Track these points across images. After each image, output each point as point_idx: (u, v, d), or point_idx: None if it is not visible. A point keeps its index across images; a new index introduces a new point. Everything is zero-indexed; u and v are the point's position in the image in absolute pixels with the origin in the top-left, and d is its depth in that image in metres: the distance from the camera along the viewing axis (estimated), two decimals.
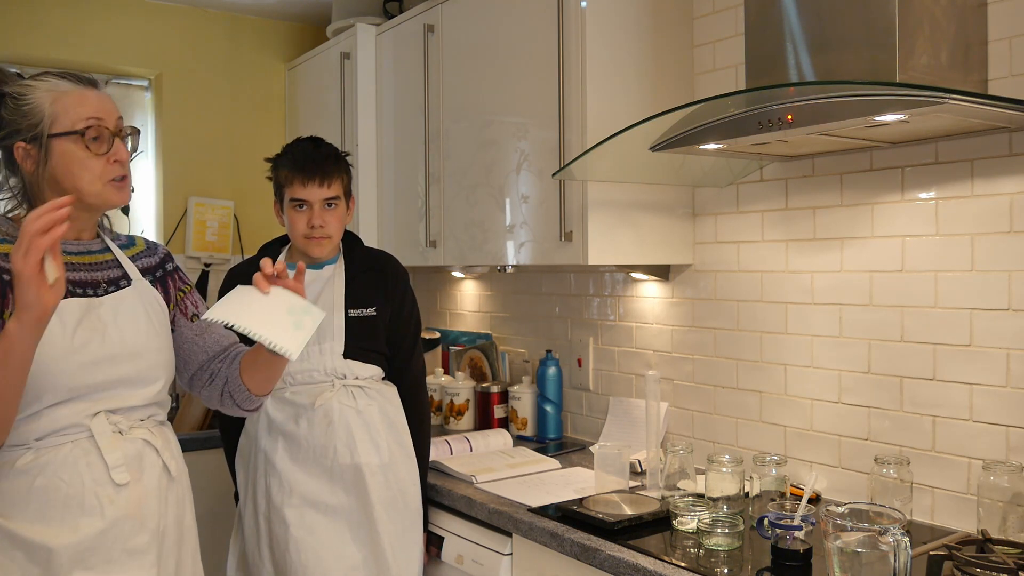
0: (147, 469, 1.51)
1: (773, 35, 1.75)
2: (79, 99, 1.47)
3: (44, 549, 1.38)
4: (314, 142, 2.13)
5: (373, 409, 2.07)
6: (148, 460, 1.51)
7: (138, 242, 1.66)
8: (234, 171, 3.52)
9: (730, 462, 1.88)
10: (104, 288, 1.52)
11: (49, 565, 1.39)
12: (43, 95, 1.45)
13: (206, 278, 3.44)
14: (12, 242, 1.39)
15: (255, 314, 1.42)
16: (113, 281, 1.54)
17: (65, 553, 1.39)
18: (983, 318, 1.76)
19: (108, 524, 1.44)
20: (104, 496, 1.44)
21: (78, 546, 1.41)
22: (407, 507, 2.08)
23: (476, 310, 3.23)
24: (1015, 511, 1.61)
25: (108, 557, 1.44)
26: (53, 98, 1.45)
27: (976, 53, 1.72)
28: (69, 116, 1.45)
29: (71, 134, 1.45)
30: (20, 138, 1.44)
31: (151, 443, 1.52)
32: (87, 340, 1.44)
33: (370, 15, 3.18)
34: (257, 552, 2.06)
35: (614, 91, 2.19)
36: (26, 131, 1.44)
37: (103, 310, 1.49)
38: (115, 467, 1.45)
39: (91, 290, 1.50)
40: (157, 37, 3.37)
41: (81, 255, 1.52)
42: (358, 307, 2.11)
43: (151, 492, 1.51)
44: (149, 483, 1.51)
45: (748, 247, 2.23)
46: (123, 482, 1.46)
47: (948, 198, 1.82)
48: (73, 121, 1.45)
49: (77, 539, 1.41)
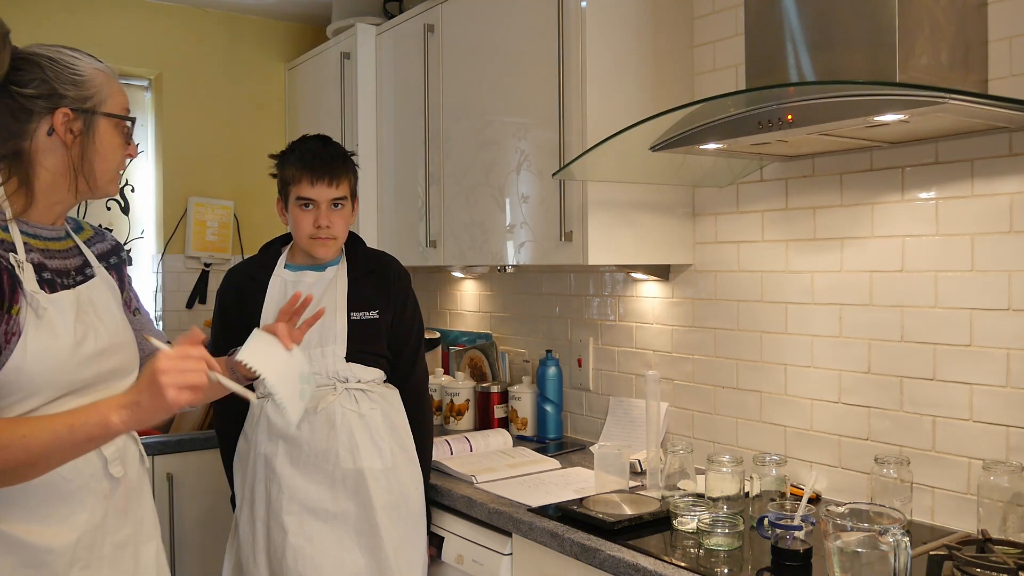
0: (130, 460, 1.51)
1: (773, 35, 1.75)
2: (120, 88, 1.46)
3: (43, 550, 1.35)
4: (322, 140, 2.11)
5: (376, 413, 2.06)
6: (130, 451, 1.51)
7: (85, 227, 1.59)
8: (234, 171, 3.52)
9: (730, 462, 1.88)
10: (74, 277, 1.46)
11: (47, 567, 1.35)
12: (95, 72, 1.42)
13: (206, 278, 3.45)
14: None
15: (276, 369, 1.46)
16: (80, 270, 1.48)
17: (66, 552, 1.37)
18: (983, 318, 1.76)
19: (102, 519, 1.43)
20: (100, 491, 1.43)
21: (76, 544, 1.39)
22: (409, 511, 2.07)
23: (476, 310, 3.23)
24: (1015, 511, 1.61)
25: (101, 553, 1.43)
26: (105, 77, 1.43)
27: (976, 53, 1.72)
28: (116, 100, 1.44)
29: (121, 119, 1.44)
30: (66, 104, 1.37)
31: (131, 434, 1.52)
32: (84, 335, 1.40)
33: (370, 15, 3.18)
34: (253, 559, 2.04)
35: (614, 91, 2.19)
36: (74, 100, 1.38)
37: (85, 302, 1.44)
38: (112, 460, 1.44)
39: (67, 279, 1.45)
40: (157, 37, 3.37)
41: (56, 240, 1.46)
42: (360, 310, 2.09)
43: (133, 483, 1.51)
44: (132, 474, 1.50)
45: (748, 247, 2.23)
46: (119, 475, 1.45)
47: (948, 198, 1.82)
48: (120, 107, 1.44)
49: (76, 536, 1.39)
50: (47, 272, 1.40)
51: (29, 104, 1.36)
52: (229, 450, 2.15)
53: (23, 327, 1.31)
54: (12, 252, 1.35)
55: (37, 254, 1.40)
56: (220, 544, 2.25)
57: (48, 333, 1.34)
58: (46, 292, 1.37)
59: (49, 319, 1.35)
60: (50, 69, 1.37)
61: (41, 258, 1.41)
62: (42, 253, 1.41)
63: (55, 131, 1.38)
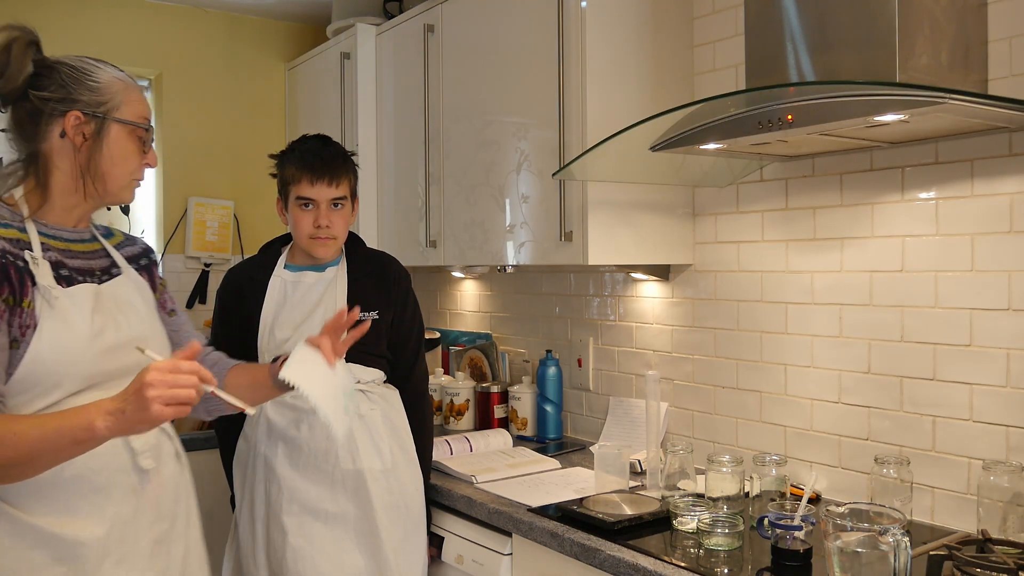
0: (163, 456, 1.53)
1: (773, 35, 1.75)
2: (140, 97, 1.52)
3: (74, 543, 1.37)
4: (323, 140, 2.12)
5: (375, 413, 2.06)
6: (164, 447, 1.54)
7: (116, 233, 1.65)
8: (234, 171, 3.52)
9: (730, 462, 1.88)
10: (99, 276, 1.51)
11: (79, 560, 1.37)
12: (112, 80, 1.48)
13: (206, 278, 3.45)
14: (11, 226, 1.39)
15: (321, 387, 1.48)
16: (105, 270, 1.53)
17: (97, 546, 1.39)
18: (983, 318, 1.76)
19: (133, 513, 1.45)
20: (129, 484, 1.45)
21: (107, 537, 1.41)
22: (409, 512, 2.07)
23: (476, 310, 3.23)
24: (1015, 511, 1.61)
25: (135, 547, 1.45)
26: (123, 86, 1.49)
27: (976, 53, 1.72)
28: (133, 108, 1.49)
29: (135, 125, 1.49)
30: (77, 108, 1.43)
31: (164, 429, 1.55)
32: (103, 327, 1.43)
33: (370, 15, 3.18)
34: (252, 559, 2.04)
35: (614, 91, 2.19)
36: (87, 105, 1.44)
37: (106, 296, 1.48)
38: (141, 453, 1.47)
39: (90, 278, 1.49)
40: (157, 37, 3.37)
41: (79, 243, 1.51)
42: (360, 310, 2.09)
43: (167, 479, 1.53)
44: (165, 470, 1.53)
45: (748, 247, 2.23)
46: (149, 468, 1.48)
47: (948, 198, 1.82)
48: (136, 114, 1.49)
49: (106, 530, 1.40)
50: (65, 269, 1.44)
51: (44, 107, 1.42)
52: (229, 451, 2.16)
53: (38, 319, 1.35)
54: (27, 250, 1.39)
55: (56, 253, 1.44)
56: (219, 544, 2.24)
57: (62, 323, 1.38)
58: (63, 287, 1.41)
59: (62, 309, 1.38)
60: (68, 75, 1.44)
61: (60, 257, 1.45)
62: (62, 253, 1.46)
63: (66, 133, 1.43)
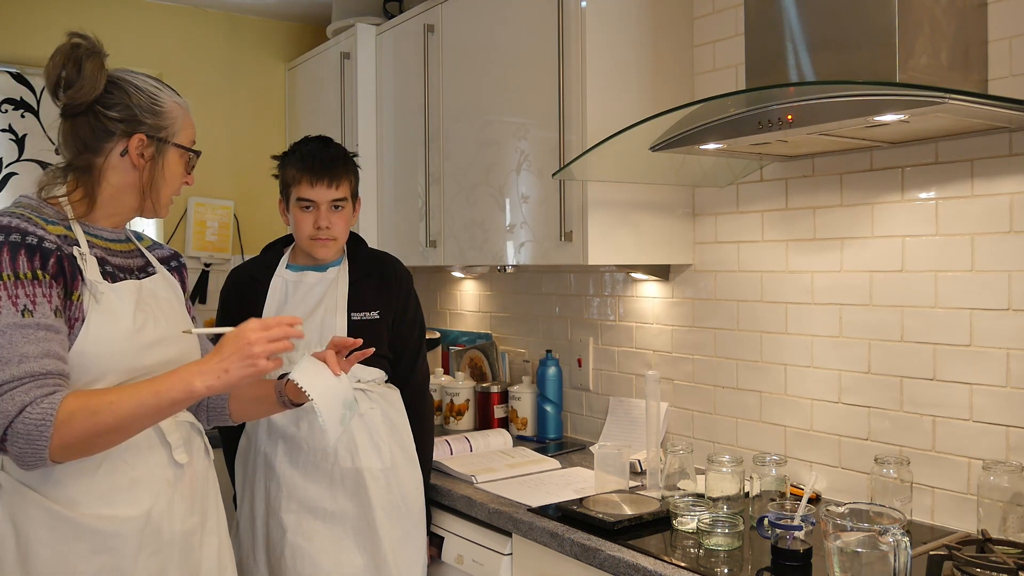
0: (195, 450, 1.57)
1: (773, 35, 1.75)
2: (192, 122, 1.59)
3: (112, 535, 1.40)
4: (323, 142, 2.12)
5: (375, 413, 2.06)
6: (196, 442, 1.58)
7: (144, 237, 1.71)
8: (234, 171, 3.52)
9: (730, 462, 1.88)
10: (136, 275, 1.56)
11: (116, 552, 1.40)
12: (174, 105, 1.54)
13: (206, 278, 3.45)
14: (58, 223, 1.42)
15: (323, 392, 1.52)
16: (142, 268, 1.59)
17: (134, 538, 1.42)
18: (983, 318, 1.76)
19: (168, 506, 1.48)
20: (165, 478, 1.48)
21: (144, 530, 1.43)
22: (409, 511, 2.07)
23: (476, 310, 3.23)
24: (1015, 511, 1.61)
25: (170, 539, 1.48)
26: (182, 112, 1.55)
27: (976, 53, 1.72)
28: (187, 133, 1.56)
29: (189, 151, 1.57)
30: (143, 130, 1.48)
31: (195, 424, 1.60)
32: (144, 321, 1.48)
33: (370, 15, 3.18)
34: (252, 557, 2.05)
35: (614, 91, 2.19)
36: (151, 129, 1.49)
37: (147, 293, 1.53)
38: (176, 447, 1.51)
39: (129, 275, 1.53)
40: (157, 37, 3.37)
41: (117, 243, 1.56)
42: (361, 310, 2.10)
43: (200, 472, 1.57)
44: (198, 464, 1.57)
45: (748, 247, 2.23)
46: (184, 462, 1.51)
47: (948, 198, 1.82)
48: (189, 139, 1.57)
49: (143, 522, 1.43)
50: (109, 266, 1.49)
51: (111, 125, 1.47)
52: (232, 448, 2.17)
53: (86, 312, 1.40)
54: (75, 246, 1.43)
55: (99, 250, 1.48)
56: None
57: (109, 317, 1.42)
58: (108, 283, 1.45)
59: (109, 304, 1.43)
60: (135, 96, 1.49)
61: (103, 254, 1.49)
62: (104, 251, 1.50)
63: (128, 153, 1.48)
